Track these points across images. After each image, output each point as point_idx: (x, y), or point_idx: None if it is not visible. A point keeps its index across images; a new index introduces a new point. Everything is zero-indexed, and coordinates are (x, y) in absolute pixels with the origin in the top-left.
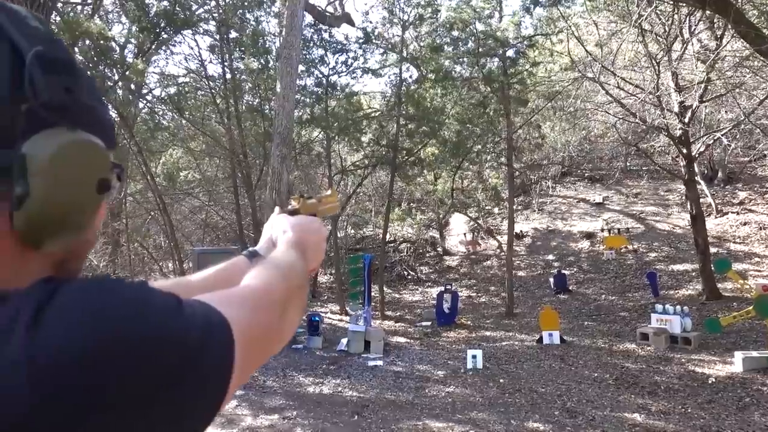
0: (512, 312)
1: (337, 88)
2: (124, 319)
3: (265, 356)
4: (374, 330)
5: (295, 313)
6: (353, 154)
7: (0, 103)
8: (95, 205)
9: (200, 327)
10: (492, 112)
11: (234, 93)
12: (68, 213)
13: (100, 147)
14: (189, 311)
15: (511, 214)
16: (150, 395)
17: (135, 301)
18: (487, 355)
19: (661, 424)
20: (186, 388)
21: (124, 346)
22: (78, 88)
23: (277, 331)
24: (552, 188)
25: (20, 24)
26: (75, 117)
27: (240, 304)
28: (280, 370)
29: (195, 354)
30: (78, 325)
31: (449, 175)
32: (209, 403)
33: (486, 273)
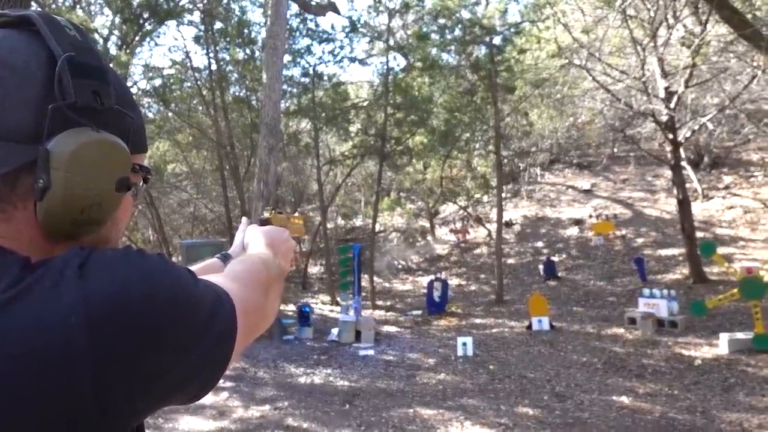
0: (502, 299)
1: (324, 78)
2: (162, 276)
3: (255, 331)
4: (365, 319)
5: (275, 298)
6: (341, 144)
7: (33, 102)
8: (114, 202)
9: (212, 295)
10: (480, 100)
11: (220, 84)
12: (86, 207)
13: (121, 147)
14: (201, 282)
15: (499, 202)
16: (186, 344)
17: (164, 264)
18: (477, 342)
19: (648, 406)
20: (207, 343)
21: (165, 298)
22: (106, 92)
23: (264, 309)
24: (540, 175)
25: (58, 32)
26: (101, 119)
27: (234, 282)
28: (270, 361)
29: (211, 317)
30: (122, 277)
31: (438, 164)
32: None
33: (476, 261)
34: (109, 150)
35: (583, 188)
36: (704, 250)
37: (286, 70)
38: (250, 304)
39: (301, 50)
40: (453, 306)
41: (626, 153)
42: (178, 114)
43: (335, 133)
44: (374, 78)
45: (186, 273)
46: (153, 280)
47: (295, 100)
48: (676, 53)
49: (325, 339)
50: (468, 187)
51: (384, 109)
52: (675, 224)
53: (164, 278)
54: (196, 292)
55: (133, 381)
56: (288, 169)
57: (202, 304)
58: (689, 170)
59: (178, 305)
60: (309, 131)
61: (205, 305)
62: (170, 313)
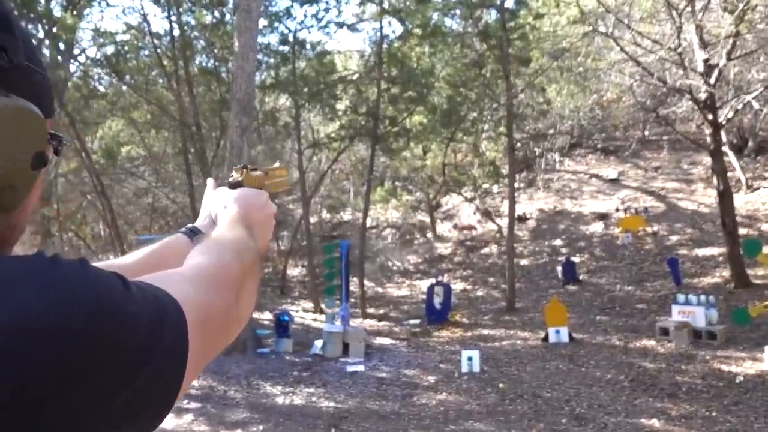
0: (513, 306)
1: (307, 47)
2: (82, 294)
3: (222, 341)
4: (354, 330)
5: (251, 293)
6: (327, 124)
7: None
8: (29, 183)
9: (151, 306)
10: (489, 74)
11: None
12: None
13: (36, 115)
14: (136, 290)
15: (511, 193)
16: (118, 378)
17: (84, 275)
18: (485, 356)
19: (682, 431)
20: (148, 370)
21: (85, 322)
22: (14, 46)
23: (234, 311)
24: (559, 162)
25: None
26: (9, 80)
27: (191, 283)
28: (243, 378)
29: (150, 334)
30: (25, 300)
31: (440, 148)
32: (168, 387)
33: (483, 262)
34: (22, 119)
35: (608, 177)
36: (748, 249)
37: (261, 36)
38: (215, 308)
39: (280, 13)
40: (457, 314)
41: (659, 136)
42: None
43: (319, 112)
44: (365, 47)
45: (114, 283)
46: (68, 302)
47: (273, 72)
48: (717, 20)
49: (307, 352)
50: (475, 176)
51: (377, 84)
52: (714, 219)
53: (85, 296)
54: (128, 307)
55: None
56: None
57: (136, 322)
58: (731, 156)
59: (103, 330)
60: (289, 109)
61: (141, 322)
62: (93, 343)
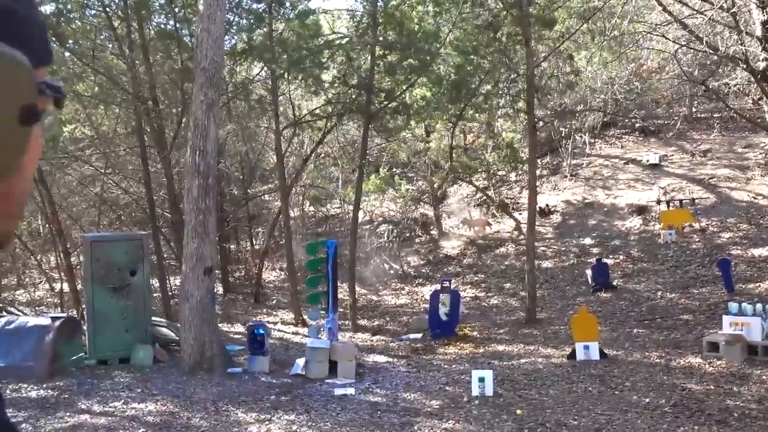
0: (534, 317)
1: (286, 4)
2: None
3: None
4: (343, 346)
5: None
6: (310, 99)
7: None
8: (19, 141)
9: None
10: (505, 38)
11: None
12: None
13: (22, 63)
14: None
15: (532, 181)
16: None
17: None
18: (500, 377)
19: None
20: None
21: None
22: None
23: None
24: (590, 145)
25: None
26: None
27: None
28: (210, 404)
29: None
30: None
31: (446, 128)
32: None
33: (499, 264)
34: (4, 68)
35: (648, 163)
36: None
37: None
38: None
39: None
40: (466, 327)
41: (708, 114)
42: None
43: (301, 84)
44: (356, 5)
45: None
46: None
47: (245, 36)
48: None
49: (286, 373)
50: (489, 161)
51: (370, 50)
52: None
53: None
54: None
55: None
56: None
57: None
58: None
59: None
60: (264, 80)
61: None
62: None
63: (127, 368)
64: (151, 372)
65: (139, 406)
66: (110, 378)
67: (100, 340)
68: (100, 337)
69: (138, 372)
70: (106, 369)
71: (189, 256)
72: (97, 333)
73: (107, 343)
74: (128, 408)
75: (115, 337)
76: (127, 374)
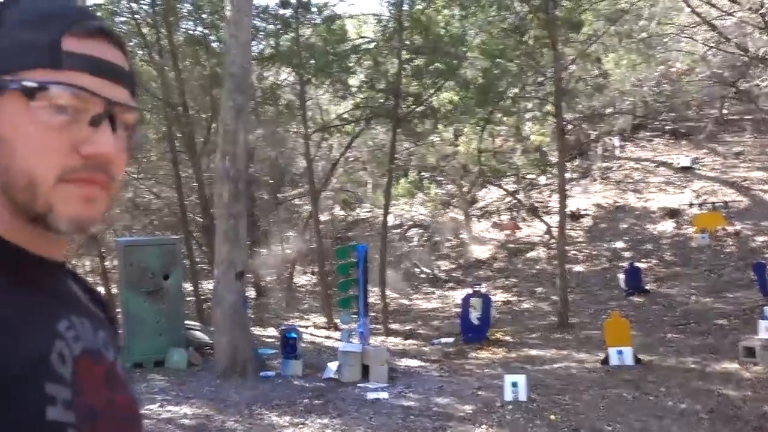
0: (567, 322)
1: (312, 10)
2: None
3: None
4: (375, 350)
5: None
6: (338, 103)
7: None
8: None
9: None
10: (532, 41)
11: (166, 19)
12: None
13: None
14: None
15: (562, 185)
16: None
17: None
18: (533, 382)
19: None
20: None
21: None
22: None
23: None
24: (620, 148)
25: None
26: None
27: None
28: (244, 407)
29: None
30: None
31: (475, 131)
32: None
33: (529, 268)
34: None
35: (680, 165)
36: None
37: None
38: None
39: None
40: (498, 331)
41: (740, 116)
42: None
43: (329, 88)
44: (383, 9)
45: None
46: None
47: (272, 41)
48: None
49: (319, 376)
50: (517, 165)
51: (397, 54)
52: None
53: None
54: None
55: None
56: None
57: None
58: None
59: None
60: (292, 85)
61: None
62: None
63: (162, 371)
64: (185, 375)
65: (174, 408)
66: (145, 381)
67: (135, 344)
68: (135, 340)
69: (172, 375)
70: (141, 372)
71: (221, 261)
72: (131, 336)
73: (142, 346)
74: (163, 410)
75: (149, 341)
76: (161, 377)
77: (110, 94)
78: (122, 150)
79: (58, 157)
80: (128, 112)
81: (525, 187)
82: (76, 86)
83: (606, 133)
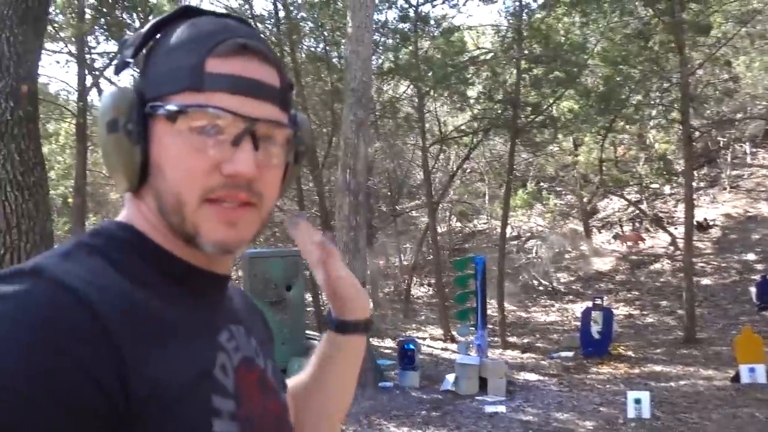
0: (693, 337)
1: (431, 23)
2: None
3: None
4: (493, 363)
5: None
6: (456, 115)
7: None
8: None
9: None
10: (657, 46)
11: (290, 37)
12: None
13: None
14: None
15: (689, 194)
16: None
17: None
18: (657, 399)
19: None
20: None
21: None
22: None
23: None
24: (751, 155)
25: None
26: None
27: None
28: (363, 417)
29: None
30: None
31: (596, 140)
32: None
33: (653, 281)
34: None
35: None
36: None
37: (377, 13)
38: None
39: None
40: (620, 346)
41: None
42: None
43: (447, 100)
44: (501, 20)
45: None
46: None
47: (391, 55)
48: None
49: (436, 388)
50: (641, 174)
51: (516, 64)
52: None
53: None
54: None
55: None
56: (382, 152)
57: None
58: None
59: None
60: (410, 98)
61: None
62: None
63: None
64: None
65: None
66: None
67: None
68: None
69: None
70: None
71: None
72: None
73: None
74: None
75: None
76: None
77: (251, 112)
78: (270, 167)
79: (201, 178)
80: (277, 128)
81: (648, 197)
82: (214, 107)
83: (736, 140)
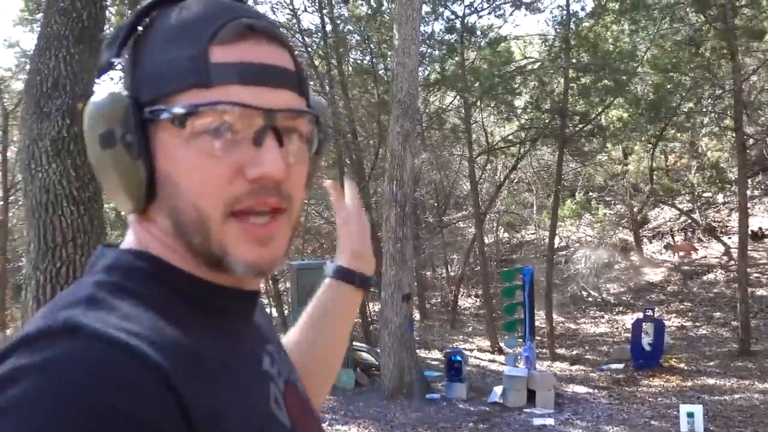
0: (749, 350)
1: (477, 33)
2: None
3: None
4: (541, 375)
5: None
6: (503, 125)
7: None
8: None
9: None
10: (709, 53)
11: (337, 50)
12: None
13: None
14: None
15: (743, 203)
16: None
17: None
18: (711, 413)
19: None
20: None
21: None
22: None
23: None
24: None
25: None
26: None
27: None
28: (410, 428)
29: None
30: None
31: (646, 149)
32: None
33: (706, 292)
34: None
35: None
36: None
37: (424, 25)
38: None
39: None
40: (672, 358)
41: None
42: None
43: (494, 110)
44: (549, 29)
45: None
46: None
47: (438, 66)
48: None
49: (484, 400)
50: (693, 183)
51: (563, 73)
52: None
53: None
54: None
55: None
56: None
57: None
58: None
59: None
60: (457, 109)
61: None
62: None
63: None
64: (353, 395)
65: (342, 428)
66: None
67: None
68: None
69: (340, 395)
70: None
71: (387, 283)
72: None
73: None
74: (332, 430)
75: None
76: (330, 396)
77: (270, 103)
78: (297, 163)
79: (223, 186)
80: (298, 118)
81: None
82: (229, 102)
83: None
